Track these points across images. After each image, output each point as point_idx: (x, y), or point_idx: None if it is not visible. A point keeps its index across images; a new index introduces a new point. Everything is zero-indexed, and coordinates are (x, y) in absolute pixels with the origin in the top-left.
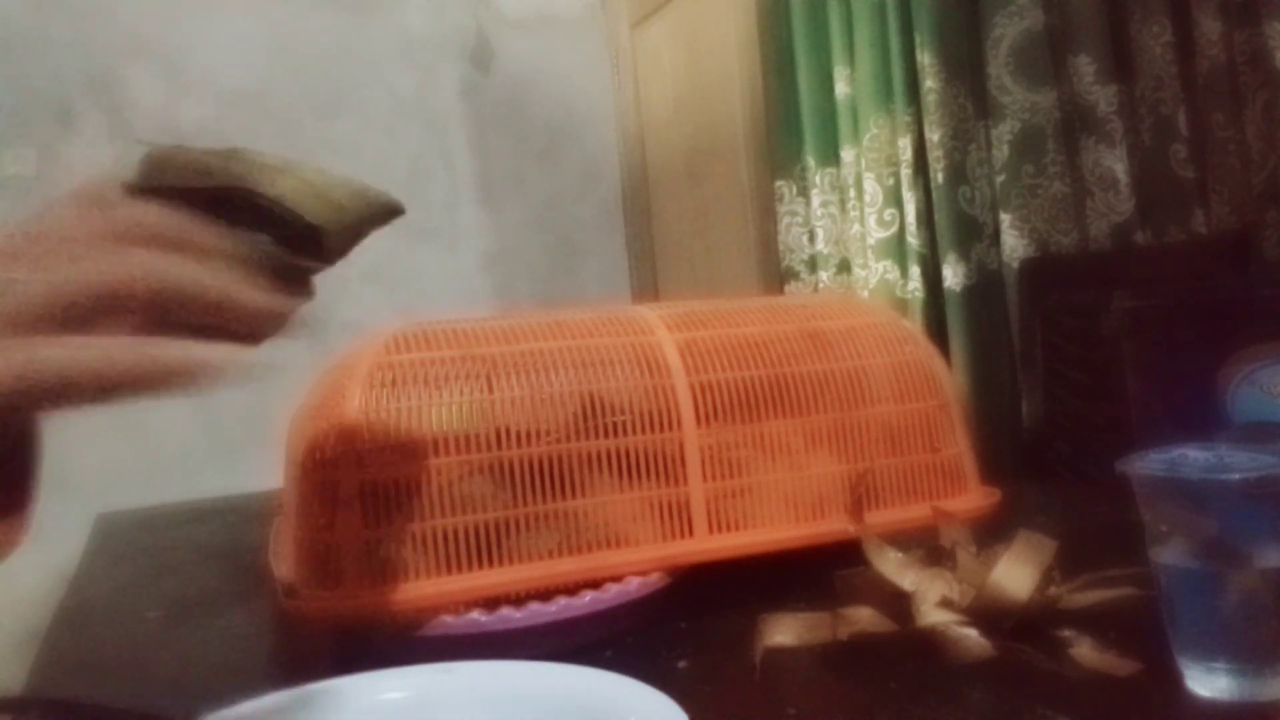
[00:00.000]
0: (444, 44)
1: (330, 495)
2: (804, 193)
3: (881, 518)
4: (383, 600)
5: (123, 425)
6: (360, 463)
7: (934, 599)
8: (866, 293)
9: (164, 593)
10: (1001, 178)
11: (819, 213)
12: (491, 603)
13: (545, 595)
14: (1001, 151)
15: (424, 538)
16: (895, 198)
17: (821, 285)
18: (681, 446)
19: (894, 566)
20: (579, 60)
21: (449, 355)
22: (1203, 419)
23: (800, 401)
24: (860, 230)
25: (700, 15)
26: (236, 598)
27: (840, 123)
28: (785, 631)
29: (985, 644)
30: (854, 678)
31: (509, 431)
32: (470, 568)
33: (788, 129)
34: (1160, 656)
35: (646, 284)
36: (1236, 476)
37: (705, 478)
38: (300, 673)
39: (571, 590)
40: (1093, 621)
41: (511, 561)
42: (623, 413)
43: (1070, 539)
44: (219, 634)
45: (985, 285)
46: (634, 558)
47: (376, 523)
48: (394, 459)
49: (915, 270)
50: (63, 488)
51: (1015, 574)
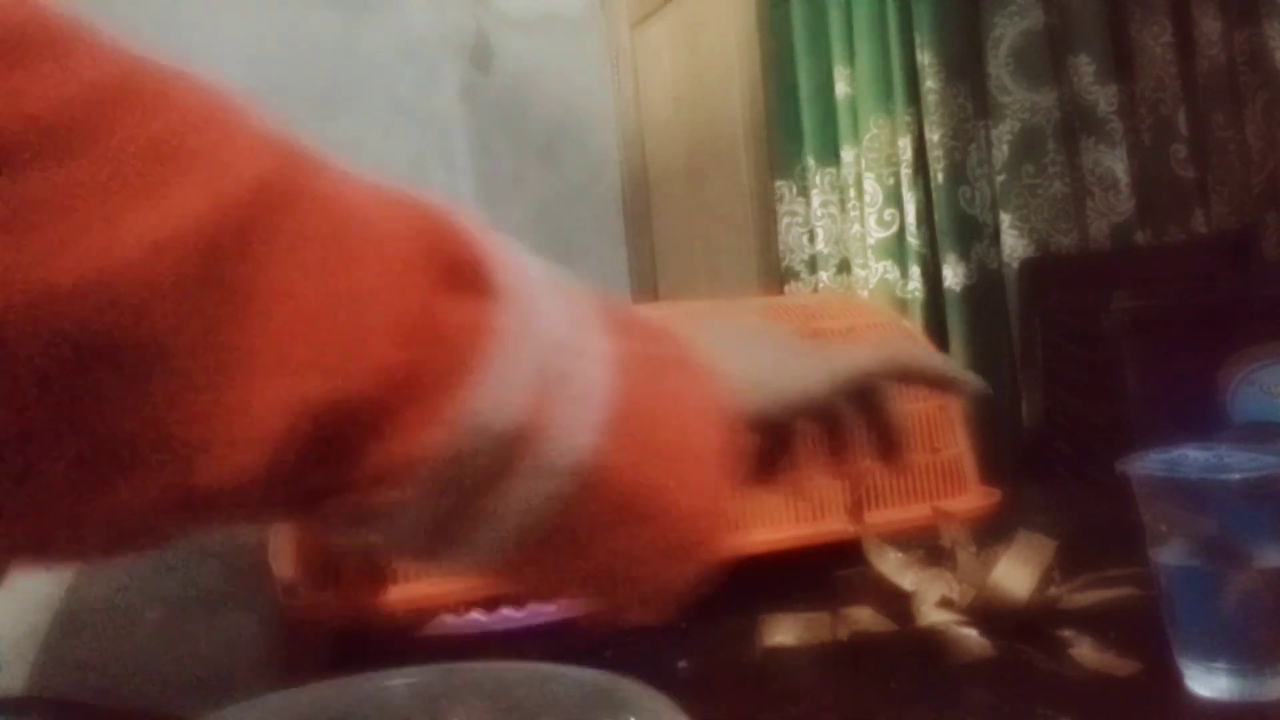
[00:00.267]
0: (444, 44)
1: None
2: (804, 193)
3: (881, 518)
4: (383, 600)
5: None
6: None
7: (934, 599)
8: (866, 293)
9: (164, 593)
10: (1001, 178)
11: (819, 213)
12: (491, 603)
13: None
14: (1001, 151)
15: None
16: (895, 198)
17: (821, 285)
18: None
19: (894, 566)
20: (579, 60)
21: None
22: (1203, 419)
23: None
24: (860, 230)
25: (700, 15)
26: (236, 598)
27: (840, 123)
28: (785, 631)
29: (985, 644)
30: (854, 678)
31: None
32: None
33: (788, 129)
34: (1160, 656)
35: (646, 284)
36: (1236, 476)
37: None
38: (300, 673)
39: None
40: (1093, 621)
41: None
42: None
43: (1070, 539)
44: (219, 634)
45: (985, 285)
46: None
47: None
48: None
49: (915, 270)
50: None
51: (1015, 574)
